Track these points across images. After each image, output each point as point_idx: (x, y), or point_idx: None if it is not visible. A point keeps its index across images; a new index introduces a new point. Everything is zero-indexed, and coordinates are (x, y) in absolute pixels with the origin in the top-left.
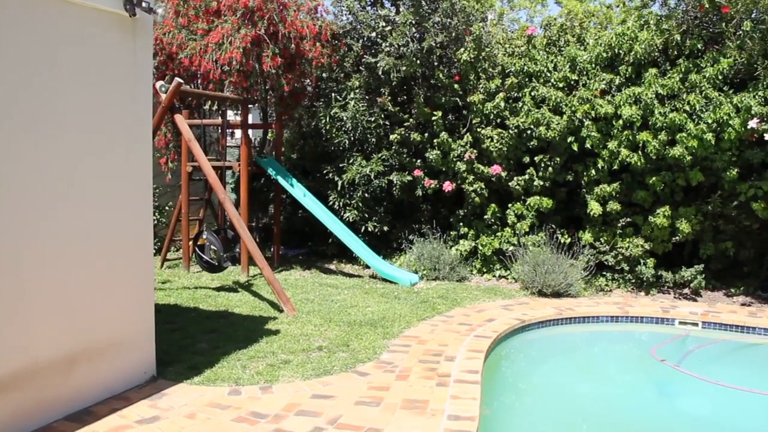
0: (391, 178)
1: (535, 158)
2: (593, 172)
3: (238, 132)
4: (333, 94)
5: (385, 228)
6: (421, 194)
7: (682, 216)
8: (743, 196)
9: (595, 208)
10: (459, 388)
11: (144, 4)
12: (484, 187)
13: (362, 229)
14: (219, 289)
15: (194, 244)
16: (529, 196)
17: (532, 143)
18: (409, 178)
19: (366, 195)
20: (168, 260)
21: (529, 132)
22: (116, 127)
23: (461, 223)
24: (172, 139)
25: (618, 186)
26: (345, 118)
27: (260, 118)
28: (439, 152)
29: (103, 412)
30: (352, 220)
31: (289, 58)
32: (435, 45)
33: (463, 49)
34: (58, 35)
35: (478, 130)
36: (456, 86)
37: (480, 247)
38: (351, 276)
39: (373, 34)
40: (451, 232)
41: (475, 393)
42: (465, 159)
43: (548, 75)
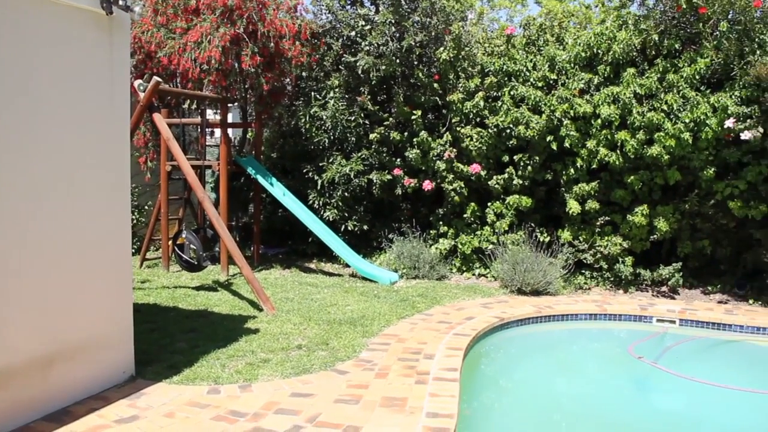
0: (370, 177)
1: (515, 157)
2: (572, 171)
3: (218, 131)
4: (313, 93)
5: (365, 227)
6: (400, 193)
7: (660, 215)
8: (720, 194)
9: (574, 206)
10: (438, 385)
11: (121, 2)
12: (463, 186)
13: (342, 228)
14: (198, 288)
15: (174, 244)
16: (508, 195)
17: (511, 142)
18: (389, 177)
19: (346, 194)
20: (147, 260)
21: (508, 131)
22: (93, 127)
23: (441, 222)
24: (151, 138)
25: (596, 185)
26: (325, 117)
27: (240, 117)
28: (418, 151)
29: (82, 412)
30: (332, 219)
31: (269, 57)
32: (414, 44)
33: (442, 49)
34: (31, 33)
35: (458, 129)
36: (435, 85)
37: (460, 246)
38: (331, 275)
39: (353, 33)
40: (430, 231)
41: (454, 390)
42: (444, 158)
43: (527, 74)
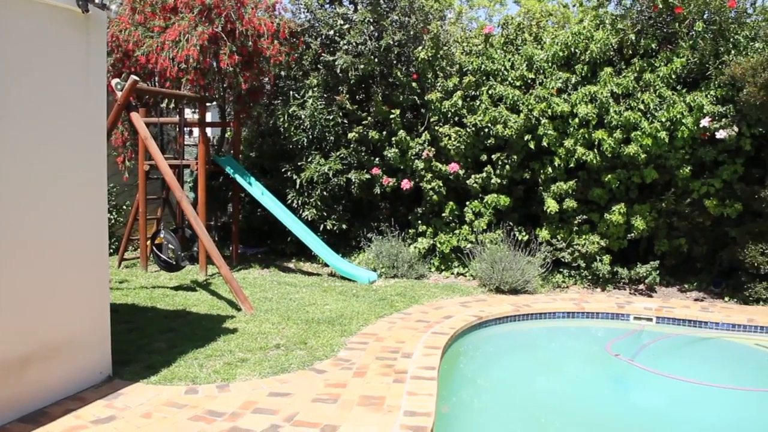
0: (349, 176)
1: (493, 156)
2: (550, 170)
3: (197, 130)
4: (291, 93)
5: (344, 226)
6: (379, 192)
7: (637, 213)
8: (696, 193)
9: (551, 205)
10: (415, 384)
11: (97, 1)
12: (442, 185)
13: (321, 228)
14: (177, 288)
15: (152, 244)
16: (486, 194)
17: (489, 141)
18: (368, 176)
19: (324, 193)
20: (125, 260)
21: (486, 130)
22: (68, 126)
23: (419, 221)
24: (129, 138)
25: (574, 184)
26: (303, 117)
27: (219, 117)
28: (397, 150)
29: (58, 413)
30: (310, 219)
31: (247, 55)
32: (393, 43)
33: (421, 48)
34: (2, 30)
35: (436, 128)
36: (414, 84)
37: (438, 245)
38: (310, 274)
39: (332, 32)
40: (409, 230)
41: (432, 389)
42: (423, 157)
43: (505, 74)
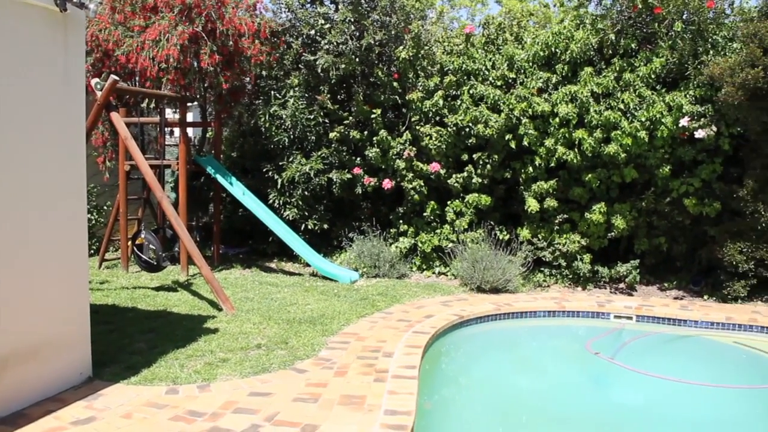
0: (330, 176)
1: (474, 156)
2: (531, 169)
3: (177, 130)
4: (272, 92)
5: (326, 226)
6: (360, 192)
7: (617, 212)
8: (675, 192)
9: (532, 204)
10: (396, 383)
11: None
12: (423, 184)
13: (302, 227)
14: (158, 288)
15: (133, 244)
16: (467, 194)
17: (470, 141)
18: (349, 176)
19: (306, 193)
20: (106, 260)
21: (467, 130)
22: (46, 127)
23: (401, 221)
24: (109, 138)
25: (555, 183)
26: (284, 116)
27: (200, 116)
28: (378, 150)
29: (37, 414)
30: (292, 219)
31: (228, 55)
32: (374, 43)
33: (402, 47)
34: None
35: (417, 127)
36: (395, 84)
37: (420, 245)
38: (291, 274)
39: (312, 32)
40: (391, 230)
41: (412, 388)
42: (404, 157)
43: (486, 73)
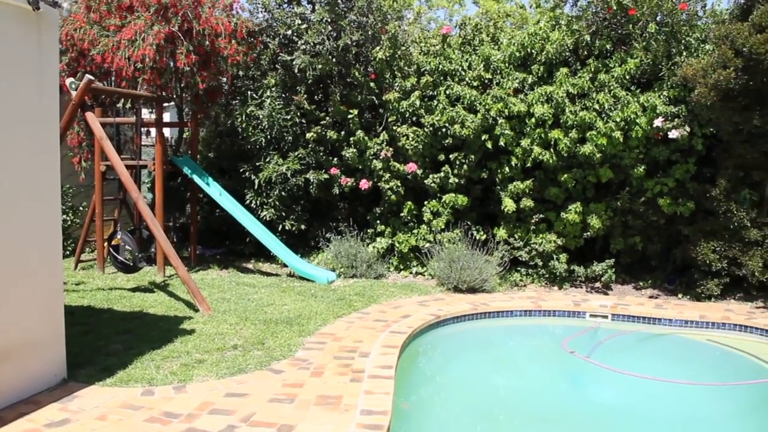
0: (307, 176)
1: (451, 156)
2: (507, 169)
3: (154, 130)
4: (249, 93)
5: (303, 226)
6: (338, 192)
7: (592, 212)
8: (650, 192)
9: (509, 204)
10: (373, 383)
11: None
12: (400, 185)
13: (279, 228)
14: (134, 289)
15: (109, 245)
16: (444, 194)
17: (447, 141)
18: (326, 176)
19: (283, 193)
20: (82, 261)
21: (444, 130)
22: (19, 126)
23: (378, 221)
24: (85, 138)
25: (531, 183)
26: (261, 117)
27: (177, 117)
28: (355, 150)
29: (11, 417)
30: (269, 219)
31: (204, 55)
32: (351, 43)
33: (378, 48)
34: None
35: (394, 128)
36: (372, 84)
37: (397, 245)
38: (269, 275)
39: (289, 32)
40: (368, 230)
41: (389, 388)
42: (381, 157)
43: (463, 74)
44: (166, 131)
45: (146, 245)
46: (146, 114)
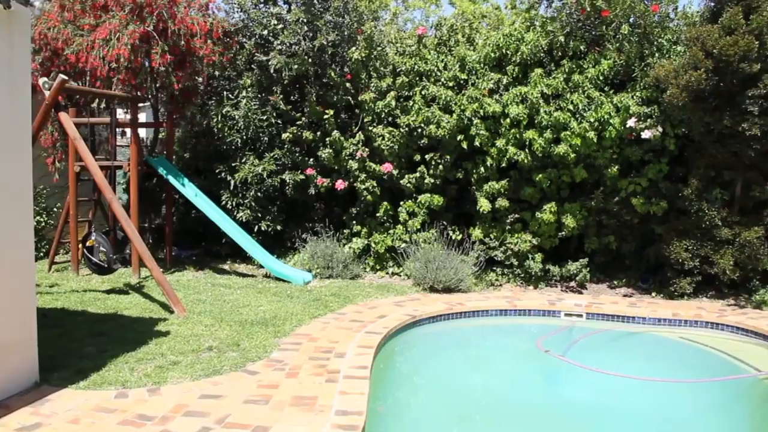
0: (283, 177)
1: (426, 156)
2: (482, 169)
3: (129, 131)
4: (225, 93)
5: (279, 227)
6: (314, 193)
7: (567, 212)
8: (624, 191)
9: (484, 205)
10: (348, 383)
11: None
12: (376, 185)
13: (255, 229)
14: (109, 291)
15: (83, 246)
16: (420, 194)
17: (422, 141)
18: (302, 176)
19: (259, 194)
20: (56, 263)
21: (419, 130)
22: None
23: (354, 222)
24: (59, 138)
25: (506, 183)
26: (237, 117)
27: (152, 117)
28: (331, 151)
29: None
30: (245, 220)
31: (180, 55)
32: (327, 43)
33: (354, 48)
34: None
35: (370, 128)
36: (348, 85)
37: (373, 245)
38: (245, 276)
39: (265, 32)
40: (344, 231)
41: (364, 388)
42: (357, 157)
43: (438, 74)
44: (142, 132)
45: (121, 246)
46: (121, 114)
